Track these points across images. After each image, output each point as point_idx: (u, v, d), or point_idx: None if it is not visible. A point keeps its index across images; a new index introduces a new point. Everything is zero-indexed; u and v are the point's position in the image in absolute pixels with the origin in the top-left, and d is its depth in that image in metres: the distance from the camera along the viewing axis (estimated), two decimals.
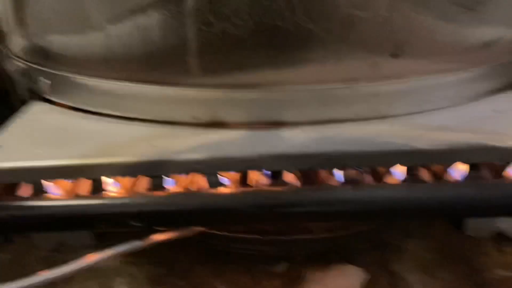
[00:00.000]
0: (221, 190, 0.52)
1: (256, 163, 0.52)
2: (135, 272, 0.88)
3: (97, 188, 0.53)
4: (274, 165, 0.52)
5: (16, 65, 0.71)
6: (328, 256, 0.86)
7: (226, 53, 0.54)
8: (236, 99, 0.56)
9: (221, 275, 0.85)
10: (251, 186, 0.53)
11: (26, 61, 0.69)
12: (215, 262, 0.88)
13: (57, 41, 0.63)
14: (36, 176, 0.53)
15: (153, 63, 0.57)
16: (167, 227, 0.54)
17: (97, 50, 0.59)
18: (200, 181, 0.54)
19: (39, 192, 0.54)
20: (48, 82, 0.66)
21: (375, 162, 0.53)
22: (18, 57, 0.71)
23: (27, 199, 0.53)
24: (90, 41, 0.59)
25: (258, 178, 0.54)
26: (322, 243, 0.82)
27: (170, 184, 0.53)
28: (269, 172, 0.54)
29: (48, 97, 0.68)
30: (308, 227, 0.82)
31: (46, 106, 0.68)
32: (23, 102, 0.74)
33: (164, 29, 0.54)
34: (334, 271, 0.79)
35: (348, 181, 0.53)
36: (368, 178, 0.56)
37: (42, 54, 0.66)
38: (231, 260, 0.87)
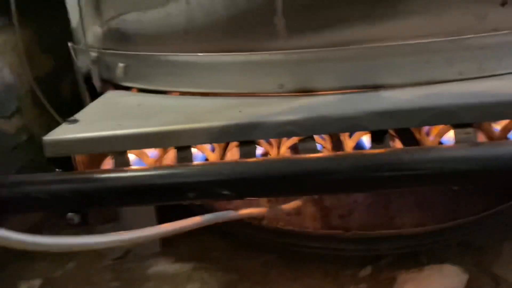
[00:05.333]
0: (317, 154, 0.47)
1: (356, 122, 0.46)
2: (206, 278, 0.82)
3: (185, 157, 0.49)
4: (376, 123, 0.47)
5: (91, 56, 0.70)
6: (418, 258, 0.78)
7: (315, 9, 0.51)
8: (327, 61, 0.52)
9: (300, 280, 0.78)
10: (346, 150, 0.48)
11: (101, 49, 0.68)
12: (292, 266, 0.81)
13: (134, 20, 0.61)
14: (119, 146, 0.50)
15: (237, 29, 0.54)
16: (258, 196, 0.49)
17: (177, 22, 0.57)
18: (291, 145, 0.49)
19: (123, 163, 0.50)
20: (123, 64, 0.64)
21: (489, 115, 0.46)
22: (93, 47, 0.70)
23: (111, 170, 0.50)
24: (170, 14, 0.57)
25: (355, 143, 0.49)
26: (411, 241, 0.73)
27: (260, 150, 0.49)
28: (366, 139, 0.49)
29: (122, 83, 0.66)
30: (396, 222, 0.74)
31: (121, 92, 0.66)
32: (95, 95, 0.74)
33: None
34: (430, 270, 0.71)
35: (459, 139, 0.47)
36: (481, 136, 0.49)
37: (118, 38, 0.65)
38: (310, 263, 0.80)
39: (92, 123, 0.53)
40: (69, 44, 0.83)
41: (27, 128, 1.01)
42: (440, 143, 0.51)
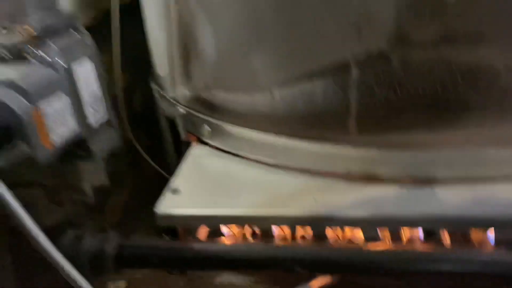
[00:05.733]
0: (376, 245, 0.57)
1: (412, 222, 0.56)
2: None
3: (266, 235, 0.61)
4: (429, 225, 0.56)
5: (177, 110, 0.81)
6: None
7: (384, 117, 0.59)
8: (389, 158, 0.61)
9: None
10: (404, 244, 0.58)
11: (188, 107, 0.79)
12: None
13: (222, 96, 0.71)
14: (212, 222, 0.62)
15: (313, 122, 0.63)
16: (325, 273, 0.60)
17: (261, 108, 0.67)
18: (356, 235, 0.60)
19: (215, 235, 0.63)
20: (209, 129, 0.75)
21: None
22: (180, 103, 0.81)
23: (204, 241, 0.62)
24: (255, 99, 0.67)
25: (411, 236, 0.58)
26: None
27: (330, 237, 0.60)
28: (422, 232, 0.58)
29: (207, 141, 0.77)
30: None
31: (207, 150, 0.76)
32: (179, 143, 0.85)
33: (327, 95, 0.60)
34: None
35: (502, 243, 0.56)
36: None
37: (206, 105, 0.75)
38: None
39: (191, 196, 0.64)
40: (153, 86, 0.94)
41: None
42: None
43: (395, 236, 0.60)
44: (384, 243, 0.59)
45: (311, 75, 0.60)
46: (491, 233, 0.58)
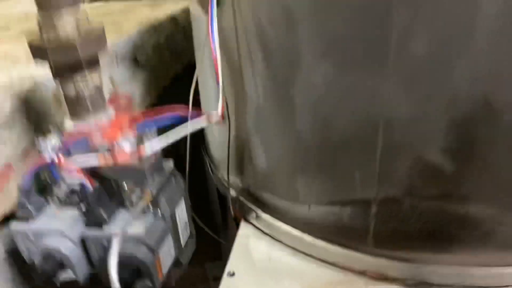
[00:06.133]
0: None
1: None
2: None
3: None
4: None
5: (228, 191, 1.00)
6: None
7: (395, 239, 0.78)
8: (398, 266, 0.80)
9: None
10: None
11: (239, 193, 0.98)
12: None
13: (269, 197, 0.90)
14: None
15: (340, 233, 0.82)
16: None
17: (299, 214, 0.86)
18: None
19: None
20: (256, 217, 0.94)
21: None
22: (232, 186, 1.00)
23: None
24: (295, 207, 0.86)
25: None
26: None
27: None
28: None
29: (254, 224, 0.97)
30: None
31: (254, 231, 0.96)
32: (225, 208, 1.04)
33: (352, 218, 0.79)
34: None
35: None
36: None
37: (254, 198, 0.95)
38: None
39: (244, 280, 0.84)
40: (204, 155, 1.13)
41: None
42: None
43: None
44: None
45: (341, 203, 0.79)
46: None
